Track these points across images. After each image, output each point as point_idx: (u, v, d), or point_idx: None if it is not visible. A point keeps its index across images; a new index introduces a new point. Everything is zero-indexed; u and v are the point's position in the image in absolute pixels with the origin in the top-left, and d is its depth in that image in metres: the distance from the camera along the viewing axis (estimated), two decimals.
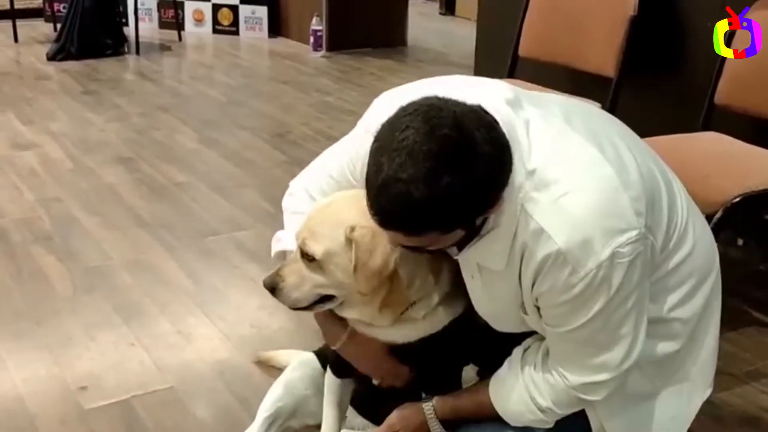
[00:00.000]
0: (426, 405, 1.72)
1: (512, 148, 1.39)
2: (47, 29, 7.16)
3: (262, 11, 7.34)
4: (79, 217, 3.43)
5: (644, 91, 2.50)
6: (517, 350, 1.66)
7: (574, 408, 1.61)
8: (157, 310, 2.72)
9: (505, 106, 1.47)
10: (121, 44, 6.54)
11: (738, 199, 2.36)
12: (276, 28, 7.45)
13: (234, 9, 7.36)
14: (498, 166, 1.36)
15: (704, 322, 1.68)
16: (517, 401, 1.62)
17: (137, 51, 6.58)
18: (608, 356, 1.51)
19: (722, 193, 2.36)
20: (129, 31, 6.70)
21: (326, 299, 1.64)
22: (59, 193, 3.68)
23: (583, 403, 1.59)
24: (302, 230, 1.61)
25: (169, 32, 7.29)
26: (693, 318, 1.64)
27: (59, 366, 2.40)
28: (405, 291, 1.62)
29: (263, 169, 4.11)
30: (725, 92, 2.88)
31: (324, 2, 6.79)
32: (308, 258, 1.59)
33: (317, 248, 1.58)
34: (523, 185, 1.42)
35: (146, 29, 7.17)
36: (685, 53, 3.32)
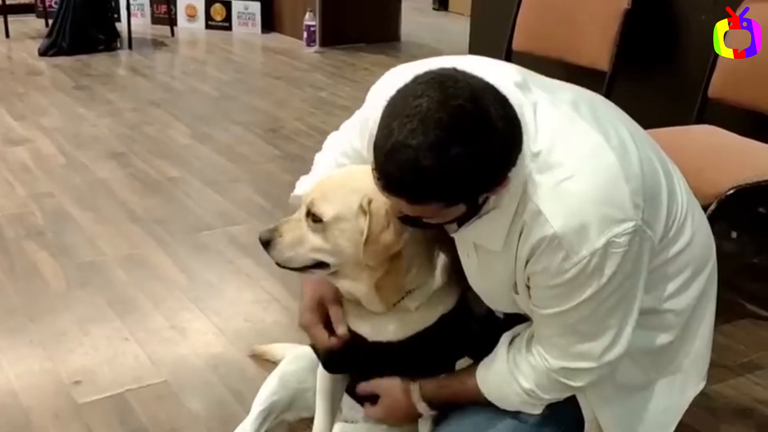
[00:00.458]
0: (414, 386, 1.71)
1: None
2: (39, 25, 7.13)
3: (255, 7, 7.32)
4: (72, 213, 3.42)
5: (638, 85, 2.51)
6: (506, 336, 1.66)
7: (560, 393, 1.60)
8: (151, 305, 2.71)
9: (514, 88, 1.46)
10: (114, 40, 6.51)
11: (732, 192, 2.36)
12: (269, 24, 7.44)
13: (227, 4, 7.34)
14: (509, 144, 1.36)
15: (698, 315, 1.69)
16: (502, 383, 1.62)
17: (129, 46, 6.56)
18: (590, 345, 1.51)
19: (716, 186, 2.36)
20: (121, 27, 6.68)
21: (318, 266, 1.61)
22: (52, 189, 3.67)
23: (568, 389, 1.58)
24: (313, 191, 1.59)
25: (162, 28, 7.27)
26: (687, 310, 1.65)
27: (53, 361, 2.39)
28: (402, 276, 1.61)
29: (256, 164, 4.10)
30: (719, 85, 2.88)
31: None
32: (314, 219, 1.57)
33: (327, 210, 1.55)
34: (527, 167, 1.42)
35: (138, 25, 7.15)
36: (679, 46, 3.33)
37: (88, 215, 3.40)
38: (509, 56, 3.52)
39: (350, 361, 1.77)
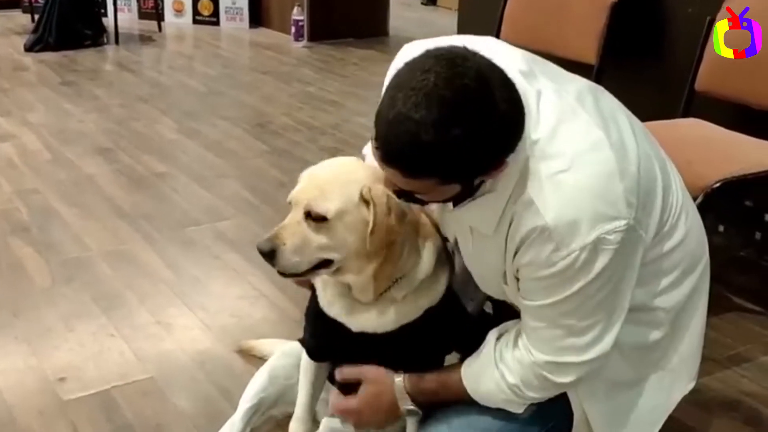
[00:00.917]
0: (398, 379, 1.69)
1: None
2: (25, 20, 7.09)
3: (243, 1, 7.29)
4: (58, 209, 3.40)
5: (625, 78, 2.51)
6: (493, 331, 1.66)
7: (544, 391, 1.59)
8: (137, 301, 2.70)
9: (518, 76, 1.45)
10: (100, 35, 6.48)
11: (718, 185, 2.36)
12: (257, 18, 7.41)
13: None
14: (511, 129, 1.35)
15: (688, 313, 1.68)
16: (487, 378, 1.61)
17: (116, 42, 6.53)
18: (576, 340, 1.50)
19: (703, 179, 2.36)
20: (108, 22, 6.64)
21: (323, 265, 1.58)
22: (37, 185, 3.64)
23: (552, 386, 1.57)
24: (304, 191, 1.55)
25: (149, 23, 7.23)
26: (676, 307, 1.64)
27: (37, 357, 2.37)
28: (396, 262, 1.61)
29: (244, 159, 4.09)
30: (706, 78, 2.89)
31: None
32: (315, 218, 1.53)
33: (329, 206, 1.52)
34: (525, 154, 1.42)
35: (125, 20, 7.12)
36: (666, 40, 3.32)
37: (74, 211, 3.38)
38: None
39: (334, 350, 1.76)
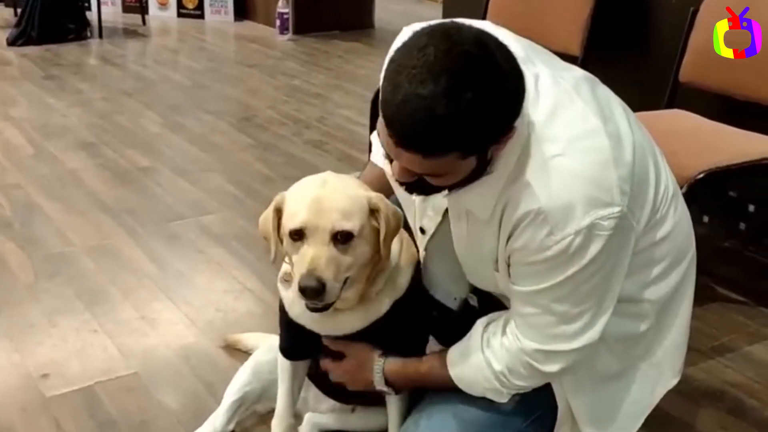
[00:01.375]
0: (378, 361, 1.70)
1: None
2: (7, 14, 7.02)
3: None
4: (41, 203, 3.37)
5: (609, 69, 2.49)
6: (481, 320, 1.65)
7: (529, 380, 1.59)
8: (121, 296, 2.68)
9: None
10: (84, 29, 6.44)
11: (702, 176, 2.36)
12: (242, 12, 7.37)
13: None
14: (517, 87, 1.35)
15: (674, 306, 1.68)
16: (473, 364, 1.61)
17: (100, 35, 6.49)
18: (565, 328, 1.50)
19: (687, 170, 2.36)
20: (91, 16, 6.60)
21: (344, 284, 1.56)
22: (20, 180, 3.61)
23: (538, 374, 1.57)
24: (325, 215, 1.51)
25: (133, 16, 7.19)
26: (663, 299, 1.64)
27: (20, 353, 2.35)
28: (386, 262, 1.62)
29: (229, 153, 4.07)
30: (689, 70, 2.89)
31: None
32: (342, 240, 1.51)
33: (354, 224, 1.52)
34: (526, 132, 1.42)
35: (109, 13, 7.07)
36: (650, 31, 3.33)
37: (57, 206, 3.35)
38: None
39: (309, 350, 1.76)
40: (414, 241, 1.75)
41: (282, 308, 1.75)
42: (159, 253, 2.98)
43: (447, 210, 1.63)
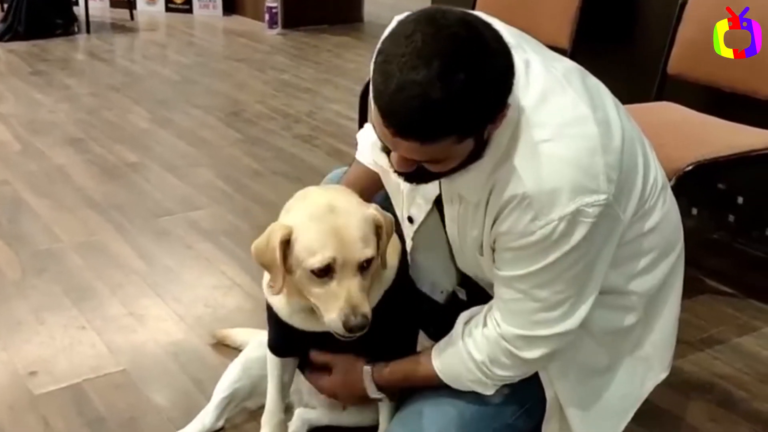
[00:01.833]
0: (366, 368, 1.71)
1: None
2: None
3: None
4: (28, 200, 3.35)
5: (597, 62, 2.48)
6: (463, 315, 1.65)
7: (511, 369, 1.58)
8: (109, 292, 2.66)
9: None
10: (71, 24, 6.40)
11: (691, 168, 2.36)
12: (230, 6, 7.34)
13: None
14: (507, 65, 1.34)
15: (661, 300, 1.68)
16: (456, 359, 1.61)
17: (88, 30, 6.45)
18: (547, 315, 1.50)
19: (675, 162, 2.36)
20: (79, 11, 6.55)
21: None
22: (7, 176, 3.59)
23: (519, 362, 1.56)
24: (349, 248, 1.50)
25: (121, 11, 7.15)
26: (650, 292, 1.64)
27: (7, 351, 2.33)
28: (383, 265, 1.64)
29: (218, 148, 4.05)
30: (677, 62, 2.89)
31: None
32: (366, 266, 1.53)
33: (373, 250, 1.54)
34: (516, 116, 1.42)
35: (97, 8, 7.03)
36: (639, 23, 3.32)
37: (45, 202, 3.34)
38: None
39: (298, 347, 1.76)
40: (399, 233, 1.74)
41: (269, 307, 1.74)
42: (147, 249, 2.97)
43: (436, 199, 1.63)
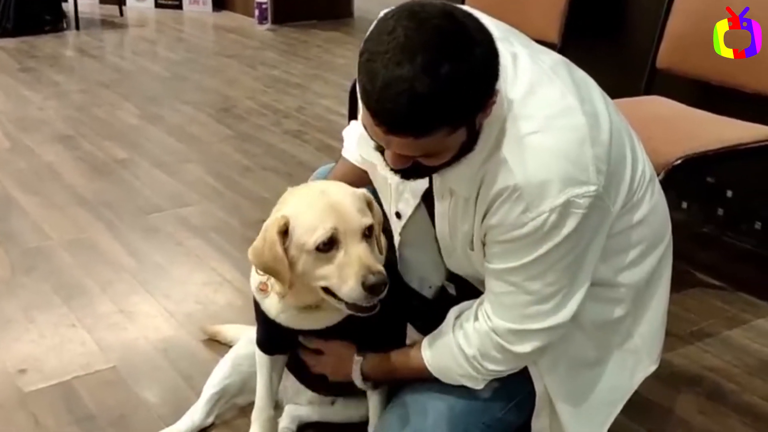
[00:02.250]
0: (357, 359, 1.71)
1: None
2: None
3: None
4: (17, 197, 3.34)
5: (586, 56, 2.48)
6: (454, 309, 1.66)
7: (503, 364, 1.58)
8: (99, 290, 2.66)
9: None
10: (60, 20, 6.37)
11: (680, 162, 2.36)
12: (220, 2, 7.32)
13: None
14: (491, 52, 1.34)
15: (650, 292, 1.69)
16: (446, 353, 1.61)
17: (77, 27, 6.42)
18: (538, 307, 1.50)
19: (664, 156, 2.36)
20: (68, 7, 6.51)
21: None
22: None
23: (512, 356, 1.56)
24: (349, 218, 1.52)
25: (110, 7, 7.12)
26: (638, 284, 1.65)
27: None
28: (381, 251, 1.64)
29: (208, 144, 4.04)
30: (666, 56, 2.89)
31: None
32: (368, 235, 1.53)
33: (370, 218, 1.55)
34: (503, 111, 1.42)
35: (86, 4, 6.99)
36: (627, 18, 3.33)
37: (34, 200, 3.32)
38: None
39: (283, 344, 1.76)
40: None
41: (257, 305, 1.74)
42: (137, 246, 2.96)
43: (424, 193, 1.63)
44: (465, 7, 1.39)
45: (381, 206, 1.70)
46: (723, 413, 2.14)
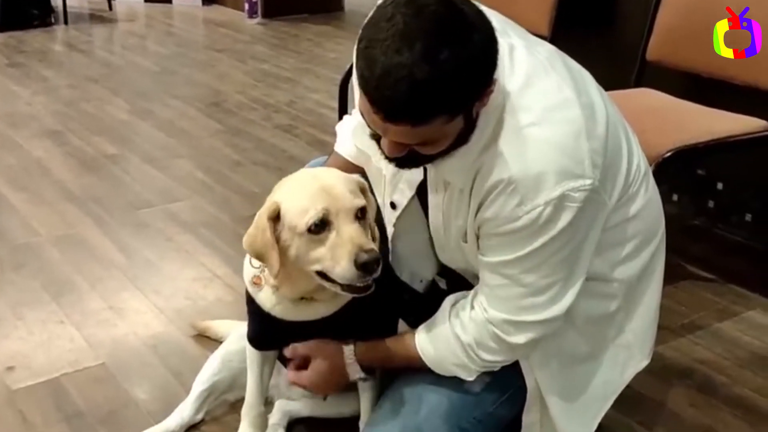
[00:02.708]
0: (347, 347, 1.68)
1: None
2: None
3: None
4: (5, 193, 3.31)
5: (576, 49, 2.47)
6: (449, 298, 1.65)
7: (498, 354, 1.57)
8: (88, 286, 2.64)
9: None
10: (48, 15, 6.34)
11: (670, 154, 2.36)
12: None
13: None
14: (491, 40, 1.34)
15: (642, 287, 1.69)
16: (442, 341, 1.60)
17: (65, 21, 6.39)
18: (533, 300, 1.50)
19: (655, 148, 2.36)
20: (56, 1, 6.47)
21: None
22: None
23: (507, 347, 1.56)
24: (341, 199, 1.52)
25: (99, 1, 7.07)
26: (630, 279, 1.65)
27: None
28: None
29: (198, 139, 4.02)
30: (656, 48, 2.88)
31: None
32: (361, 216, 1.53)
33: (363, 200, 1.55)
34: (501, 101, 1.41)
35: None
36: (617, 10, 3.32)
37: (22, 196, 3.30)
38: None
39: (278, 339, 1.74)
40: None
41: (250, 299, 1.73)
42: (127, 242, 2.94)
43: (420, 184, 1.62)
44: None
45: (375, 199, 1.69)
46: (714, 406, 2.14)
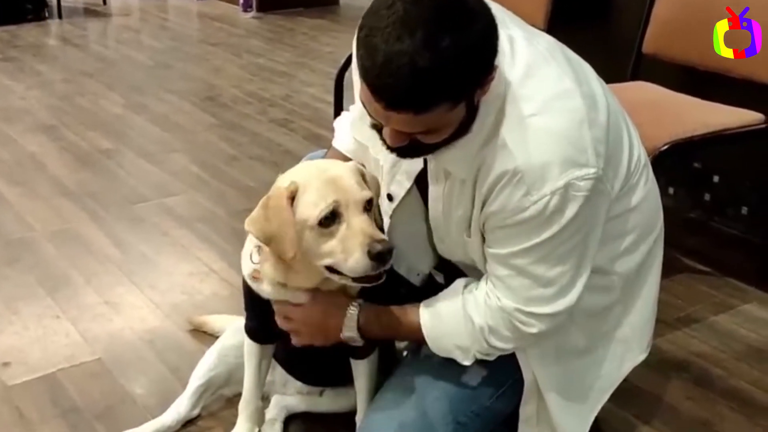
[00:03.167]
0: (355, 301, 1.63)
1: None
2: None
3: None
4: (0, 189, 3.30)
5: (573, 41, 2.47)
6: (461, 279, 1.62)
7: (509, 342, 1.55)
8: (84, 281, 2.63)
9: None
10: (42, 9, 6.33)
11: (666, 147, 2.36)
12: None
13: None
14: (491, 27, 1.33)
15: (640, 281, 1.68)
16: (450, 316, 1.57)
17: (59, 15, 6.37)
18: (543, 291, 1.49)
19: (651, 141, 2.35)
20: None
21: None
22: None
23: (518, 335, 1.53)
24: (350, 190, 1.51)
25: None
26: (628, 273, 1.64)
27: None
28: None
29: (193, 133, 4.01)
30: (652, 41, 2.88)
31: None
32: (369, 208, 1.52)
33: (369, 192, 1.54)
34: (502, 91, 1.41)
35: None
36: (613, 3, 3.32)
37: (17, 191, 3.29)
38: None
39: (274, 331, 1.73)
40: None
41: (248, 290, 1.72)
42: (122, 237, 2.93)
43: (417, 176, 1.61)
44: None
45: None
46: (710, 399, 2.15)
